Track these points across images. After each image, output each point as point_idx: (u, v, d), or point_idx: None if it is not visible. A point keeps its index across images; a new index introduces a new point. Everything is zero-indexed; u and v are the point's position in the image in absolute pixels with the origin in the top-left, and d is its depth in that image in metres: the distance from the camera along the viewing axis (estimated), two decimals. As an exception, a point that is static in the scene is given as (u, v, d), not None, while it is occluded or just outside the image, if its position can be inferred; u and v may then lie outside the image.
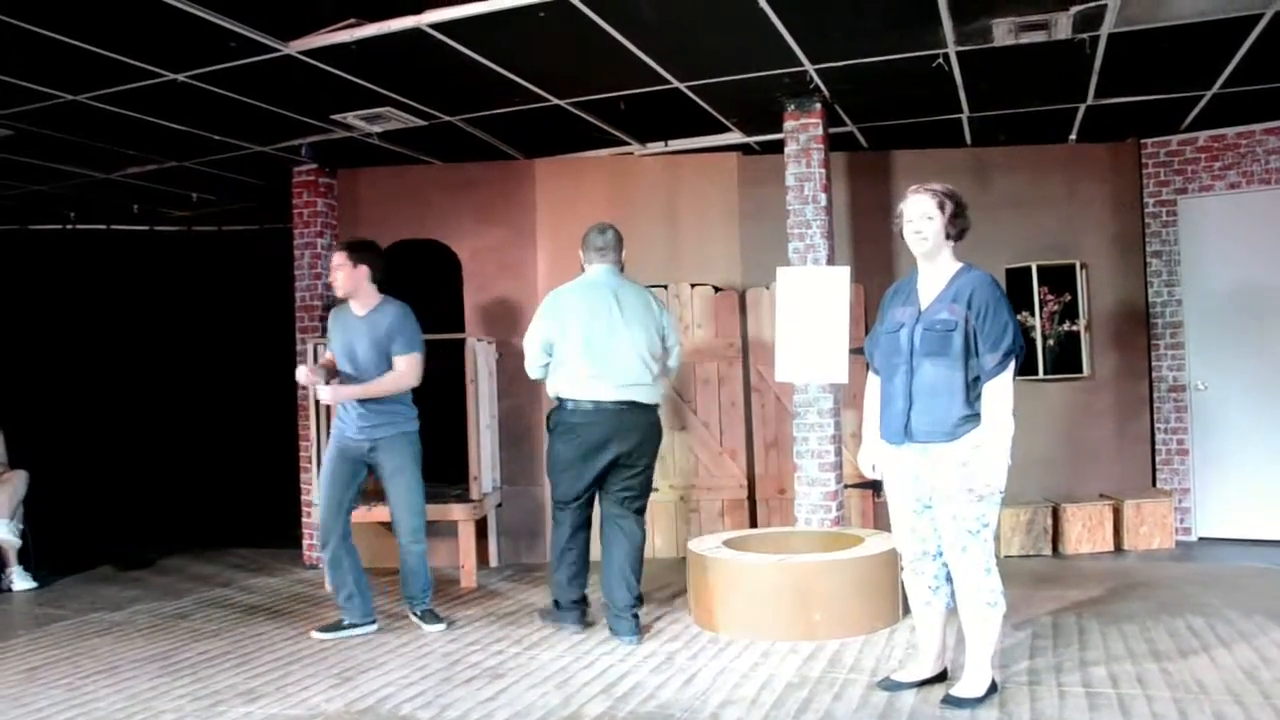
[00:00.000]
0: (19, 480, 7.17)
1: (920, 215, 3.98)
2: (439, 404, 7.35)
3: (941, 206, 3.96)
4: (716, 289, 7.68)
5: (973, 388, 3.85)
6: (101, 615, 6.22)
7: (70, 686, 4.70)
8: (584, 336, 5.19)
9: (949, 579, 4.09)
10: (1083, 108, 6.90)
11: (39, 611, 6.42)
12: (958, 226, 4.00)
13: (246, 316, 9.85)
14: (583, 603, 5.49)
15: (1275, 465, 7.46)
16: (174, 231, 9.98)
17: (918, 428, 3.94)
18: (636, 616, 5.27)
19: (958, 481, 3.87)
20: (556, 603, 5.46)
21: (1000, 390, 3.83)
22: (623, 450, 5.22)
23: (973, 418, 3.86)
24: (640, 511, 5.38)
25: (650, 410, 5.32)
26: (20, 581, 7.06)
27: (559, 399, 5.31)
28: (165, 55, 5.37)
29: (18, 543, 7.05)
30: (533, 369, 5.41)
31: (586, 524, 5.38)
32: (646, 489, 5.40)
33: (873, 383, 4.22)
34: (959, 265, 4.03)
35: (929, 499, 4.02)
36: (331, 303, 7.85)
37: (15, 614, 6.42)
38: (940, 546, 4.06)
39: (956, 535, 3.92)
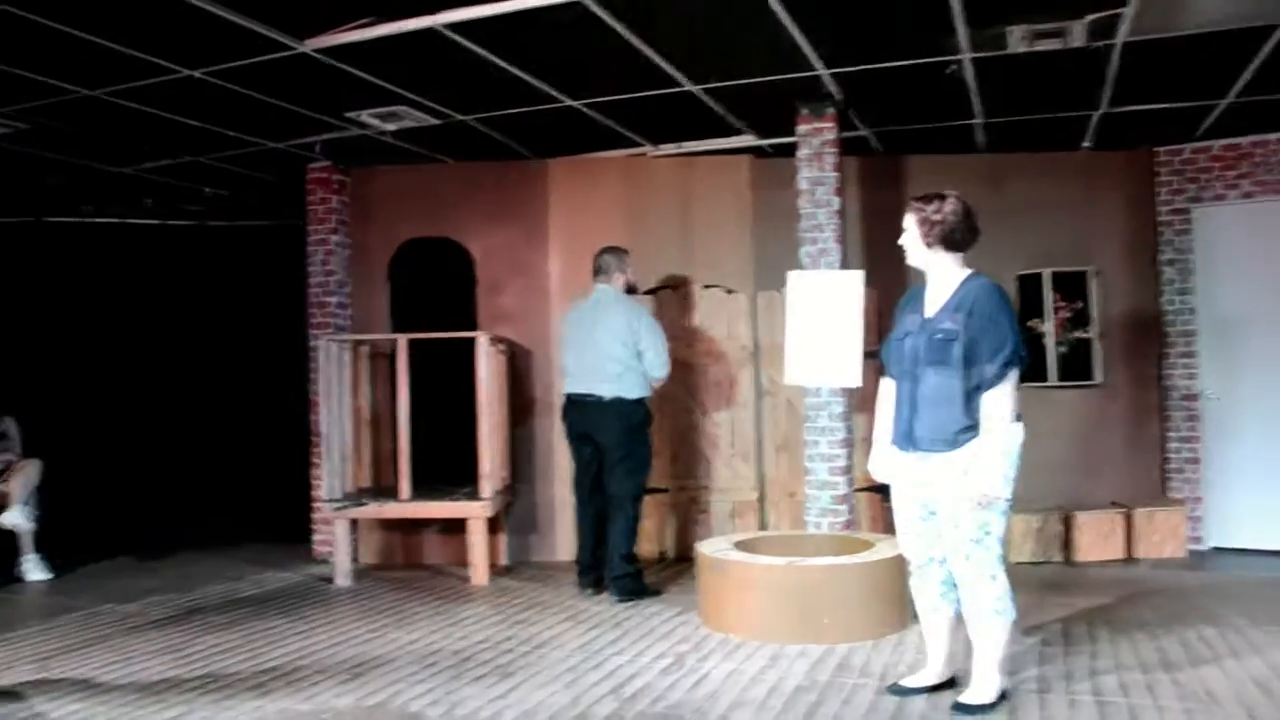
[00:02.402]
0: (33, 469, 7.25)
1: (905, 229, 4.13)
2: (448, 403, 7.41)
3: (917, 218, 4.06)
4: (729, 291, 7.69)
5: (973, 396, 3.84)
6: (114, 606, 6.25)
7: (83, 677, 4.72)
8: (569, 344, 6.48)
9: (956, 585, 4.06)
10: (1097, 115, 6.89)
11: (52, 601, 6.45)
12: (938, 235, 4.00)
13: (259, 311, 9.88)
14: (595, 569, 6.39)
15: (1287, 475, 7.43)
16: (188, 226, 10.01)
17: (920, 436, 3.96)
18: (617, 581, 6.22)
19: (958, 490, 3.86)
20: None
21: (999, 399, 3.82)
22: (589, 433, 6.34)
23: (973, 427, 3.85)
24: (615, 483, 6.27)
25: (606, 402, 6.25)
26: (34, 572, 7.11)
27: None
28: (182, 51, 5.39)
29: (31, 527, 7.11)
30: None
31: (587, 500, 6.44)
32: (617, 462, 6.25)
33: (887, 387, 4.20)
34: (965, 273, 4.03)
35: (933, 505, 4.03)
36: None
37: (29, 604, 6.45)
38: (946, 553, 4.05)
39: (959, 543, 3.91)
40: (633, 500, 6.32)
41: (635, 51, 5.47)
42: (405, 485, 6.92)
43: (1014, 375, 3.85)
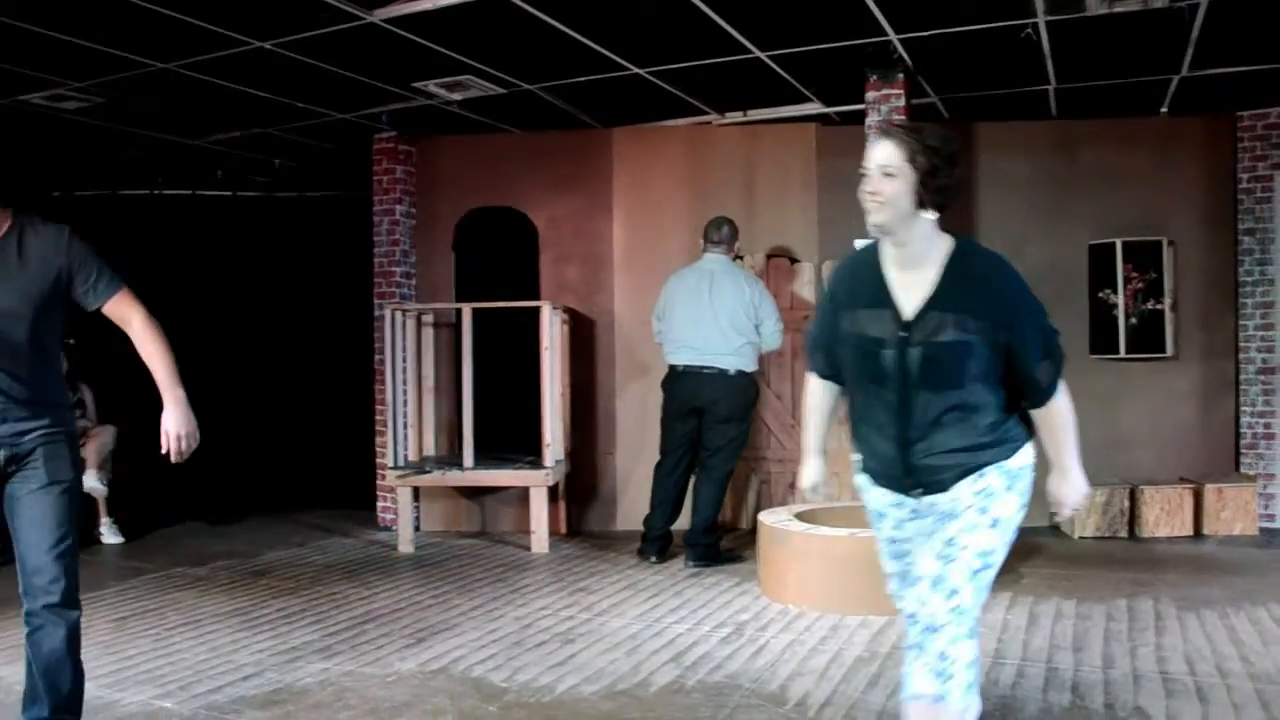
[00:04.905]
0: (107, 434, 7.45)
1: (877, 170, 2.67)
2: (506, 372, 7.46)
3: (912, 160, 2.63)
4: (793, 260, 7.63)
5: (1001, 406, 2.74)
6: (185, 570, 6.41)
7: (157, 637, 4.86)
8: (680, 312, 6.31)
9: (969, 663, 2.65)
10: (1176, 79, 6.69)
11: (126, 565, 6.64)
12: (934, 190, 2.65)
13: (326, 281, 10.02)
14: (664, 539, 6.44)
15: (1368, 452, 7.22)
16: (256, 197, 10.16)
17: (924, 477, 2.74)
18: (695, 547, 6.28)
19: (970, 499, 2.71)
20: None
21: (1065, 416, 2.82)
22: (703, 407, 6.26)
23: (998, 443, 2.73)
24: (719, 458, 6.33)
25: (729, 376, 6.23)
26: (109, 536, 7.32)
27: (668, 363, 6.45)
28: (253, 23, 5.45)
29: (105, 491, 7.31)
30: (656, 336, 6.62)
31: (674, 470, 6.45)
32: (728, 439, 6.31)
33: (816, 387, 3.04)
34: (949, 244, 2.72)
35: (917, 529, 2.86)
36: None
37: (105, 566, 6.64)
38: (919, 589, 2.76)
39: (946, 566, 2.67)
40: (729, 474, 6.47)
41: (703, 16, 5.42)
42: (469, 454, 7.00)
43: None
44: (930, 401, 2.69)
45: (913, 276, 2.71)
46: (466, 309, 7.04)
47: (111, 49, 5.76)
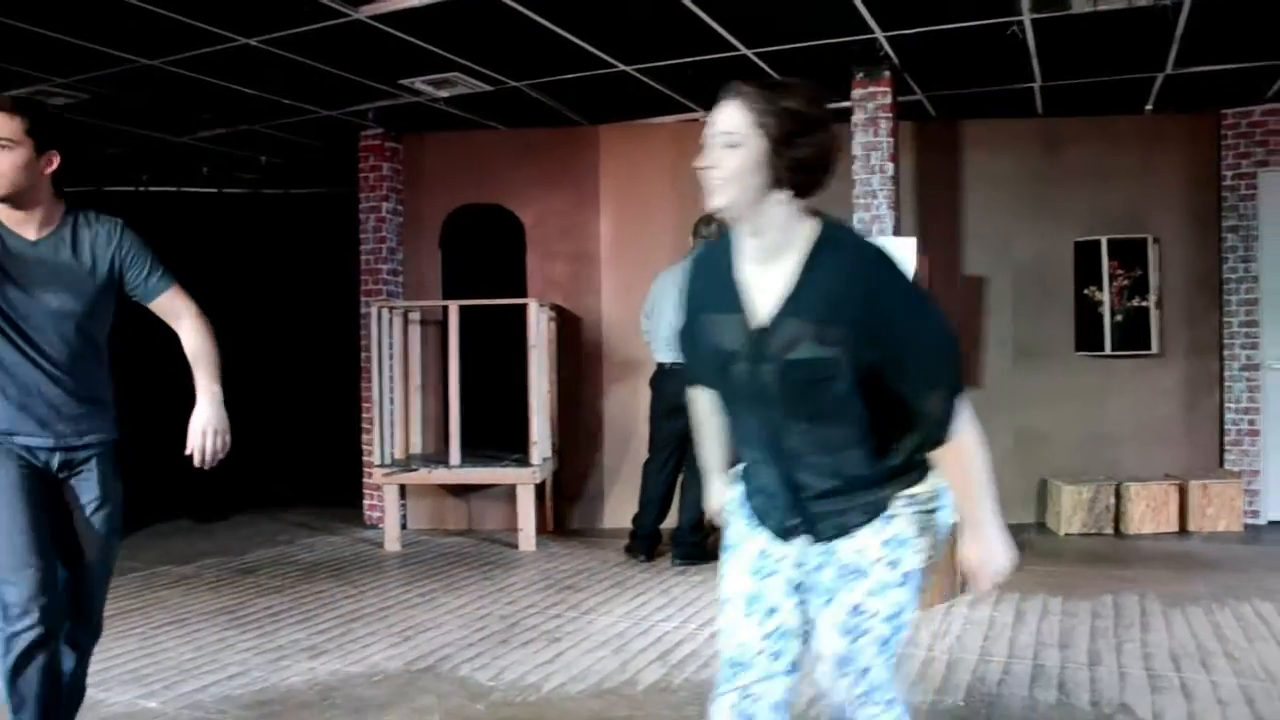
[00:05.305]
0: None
1: (721, 139, 2.09)
2: (492, 369, 7.45)
3: (761, 125, 2.04)
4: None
5: (888, 433, 2.12)
6: (171, 568, 6.39)
7: (143, 636, 4.84)
8: (668, 310, 6.08)
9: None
10: (1161, 77, 6.72)
11: (112, 563, 6.60)
12: (790, 164, 2.05)
13: (312, 278, 9.98)
14: (653, 537, 6.50)
15: (1351, 448, 7.27)
16: (242, 194, 10.12)
17: (817, 524, 2.18)
18: (682, 545, 6.33)
19: (878, 550, 2.15)
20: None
21: (972, 457, 2.11)
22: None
23: (905, 470, 2.15)
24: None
25: None
26: None
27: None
28: (239, 20, 5.43)
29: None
30: (644, 334, 6.63)
31: (663, 468, 6.46)
32: None
33: (699, 395, 2.51)
34: (814, 229, 2.11)
35: (816, 584, 2.21)
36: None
37: (89, 565, 6.60)
38: (798, 656, 2.27)
39: (854, 644, 2.16)
40: None
41: (688, 13, 5.41)
42: (455, 452, 6.99)
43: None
44: (805, 430, 2.11)
45: (769, 274, 2.11)
46: (453, 306, 7.03)
47: (97, 45, 5.72)
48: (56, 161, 2.94)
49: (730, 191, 2.07)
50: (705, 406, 2.50)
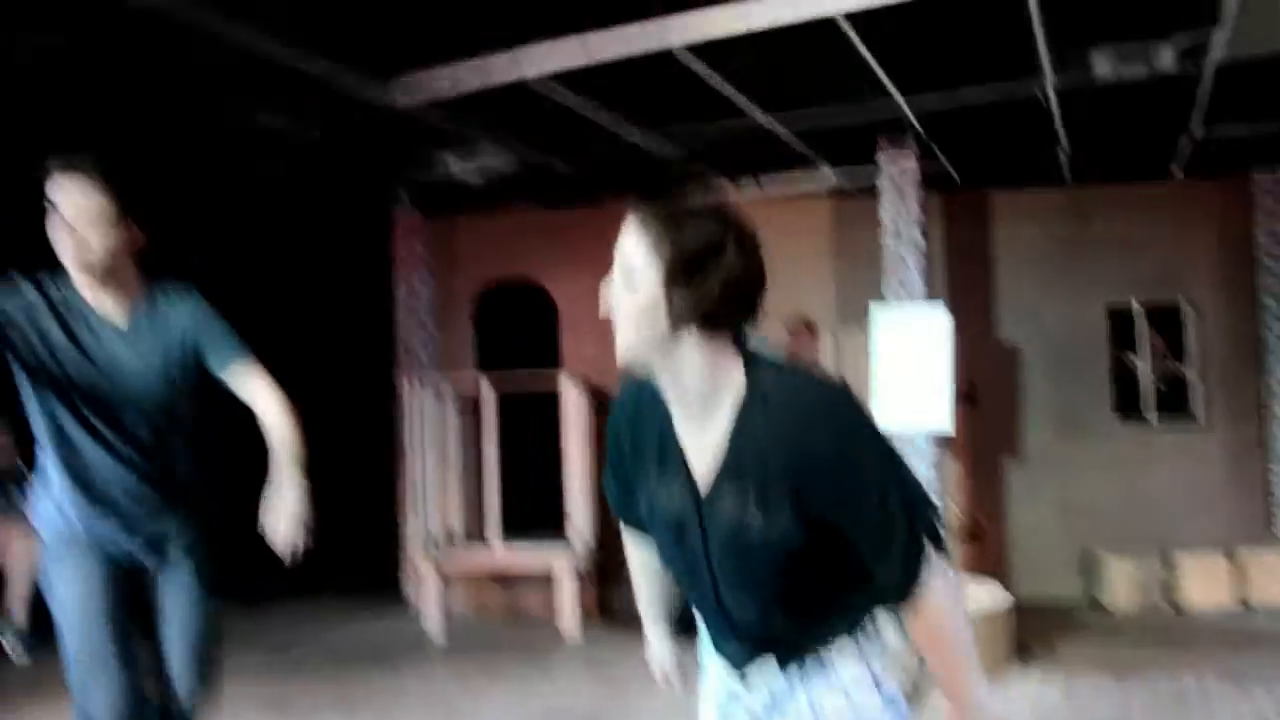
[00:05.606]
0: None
1: (618, 273, 1.85)
2: (537, 448, 7.43)
3: (656, 252, 1.76)
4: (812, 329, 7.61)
5: (848, 596, 1.84)
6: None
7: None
8: None
9: None
10: (1188, 141, 6.71)
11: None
12: (683, 301, 1.73)
13: (346, 353, 10.05)
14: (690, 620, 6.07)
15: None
16: (273, 270, 10.22)
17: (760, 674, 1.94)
18: None
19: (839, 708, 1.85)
20: None
21: (945, 626, 1.77)
22: None
23: (855, 634, 1.85)
24: None
25: None
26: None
27: None
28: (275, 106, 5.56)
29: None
30: None
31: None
32: None
33: (631, 538, 2.31)
34: (740, 380, 1.77)
35: None
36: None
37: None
38: None
39: None
40: None
41: (715, 91, 5.47)
42: (496, 537, 6.92)
43: (937, 556, 1.75)
44: (755, 607, 1.86)
45: (701, 427, 1.79)
46: (490, 390, 7.04)
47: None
48: (141, 237, 2.76)
49: (629, 334, 1.77)
50: (636, 544, 2.25)
